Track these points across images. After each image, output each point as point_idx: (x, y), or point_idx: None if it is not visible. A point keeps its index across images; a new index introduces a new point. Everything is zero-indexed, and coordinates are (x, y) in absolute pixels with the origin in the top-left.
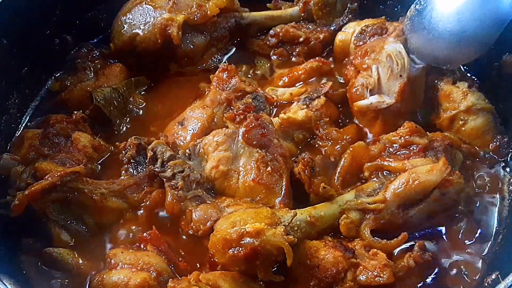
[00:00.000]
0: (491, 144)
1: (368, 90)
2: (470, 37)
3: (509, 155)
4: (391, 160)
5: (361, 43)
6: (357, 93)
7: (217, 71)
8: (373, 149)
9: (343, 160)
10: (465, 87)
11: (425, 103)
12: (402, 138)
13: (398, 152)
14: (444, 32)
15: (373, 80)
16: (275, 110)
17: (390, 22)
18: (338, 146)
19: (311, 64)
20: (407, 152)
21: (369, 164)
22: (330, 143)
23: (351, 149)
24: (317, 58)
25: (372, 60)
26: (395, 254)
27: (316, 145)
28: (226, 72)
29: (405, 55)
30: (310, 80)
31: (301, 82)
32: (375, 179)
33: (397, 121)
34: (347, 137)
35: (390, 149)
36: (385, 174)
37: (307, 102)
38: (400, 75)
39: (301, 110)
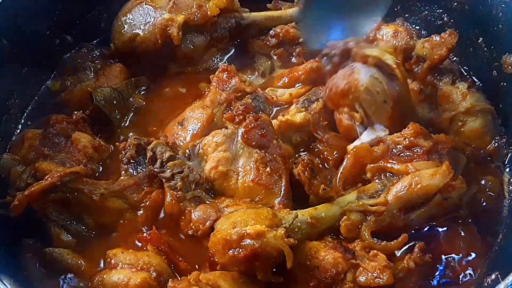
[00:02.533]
0: (490, 145)
1: (357, 125)
2: None
3: (509, 155)
4: (394, 162)
5: (329, 67)
6: (348, 133)
7: (217, 72)
8: (376, 150)
9: (345, 160)
10: (465, 88)
11: (424, 103)
12: (407, 139)
13: (402, 154)
14: None
15: (359, 115)
16: (274, 110)
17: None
18: (336, 152)
19: (311, 65)
20: (411, 154)
21: (371, 165)
22: (328, 147)
23: (354, 150)
24: (317, 59)
25: (351, 99)
26: (395, 256)
27: (316, 149)
28: (226, 73)
29: (382, 79)
30: None
31: (301, 83)
32: (377, 180)
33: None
34: (346, 141)
35: (394, 150)
36: (387, 176)
37: (306, 105)
38: (385, 101)
39: (300, 113)
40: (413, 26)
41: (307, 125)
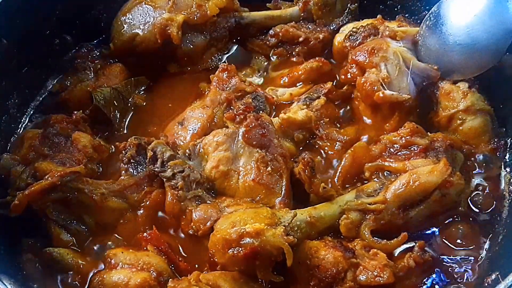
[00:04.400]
0: (489, 146)
1: (383, 85)
2: (480, 49)
3: (508, 156)
4: (391, 160)
5: (356, 43)
6: (374, 88)
7: (217, 71)
8: (374, 150)
9: (343, 160)
10: (466, 87)
11: (425, 100)
12: (403, 138)
13: (399, 153)
14: (454, 45)
15: (386, 74)
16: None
17: (389, 21)
18: (338, 147)
19: (311, 64)
20: (408, 152)
21: (369, 164)
22: (329, 143)
23: (352, 149)
24: (317, 58)
25: (380, 58)
26: (395, 255)
27: (316, 146)
28: (226, 72)
29: (409, 49)
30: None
31: (301, 83)
32: (375, 179)
33: (409, 117)
34: (347, 137)
35: (391, 149)
36: (385, 174)
37: (307, 102)
38: (408, 68)
39: (301, 110)
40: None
41: (309, 123)
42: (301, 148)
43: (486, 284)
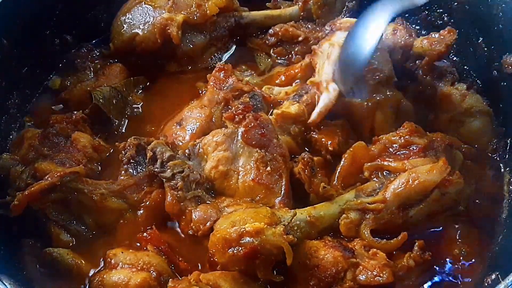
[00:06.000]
0: (488, 146)
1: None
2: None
3: (508, 155)
4: (391, 160)
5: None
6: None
7: (213, 71)
8: (373, 149)
9: (343, 160)
10: (464, 89)
11: (423, 103)
12: (402, 138)
13: (398, 152)
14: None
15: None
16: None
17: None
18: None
19: (305, 61)
20: (407, 152)
21: (369, 164)
22: (323, 134)
23: (351, 149)
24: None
25: (317, 56)
26: (395, 254)
27: (312, 138)
28: (223, 72)
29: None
30: None
31: (298, 80)
32: (375, 179)
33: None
34: (338, 129)
35: (390, 149)
36: (385, 174)
37: (297, 99)
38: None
39: (293, 105)
40: (413, 26)
41: (302, 115)
42: (300, 143)
43: (486, 284)
